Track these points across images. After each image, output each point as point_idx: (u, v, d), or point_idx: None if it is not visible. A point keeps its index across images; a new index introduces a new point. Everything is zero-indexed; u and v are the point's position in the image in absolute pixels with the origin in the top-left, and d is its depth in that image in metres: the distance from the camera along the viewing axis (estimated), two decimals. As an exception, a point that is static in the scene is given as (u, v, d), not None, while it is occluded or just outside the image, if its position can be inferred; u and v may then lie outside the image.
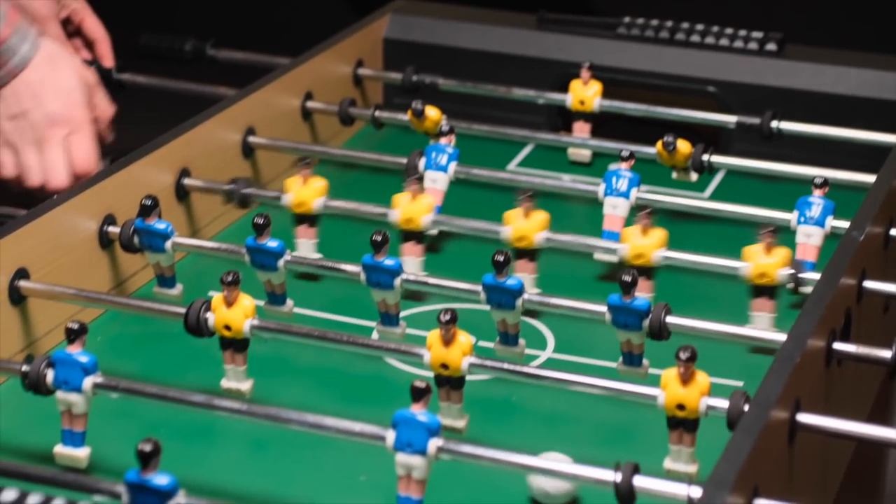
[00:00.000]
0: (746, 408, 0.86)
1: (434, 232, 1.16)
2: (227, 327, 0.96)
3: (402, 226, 1.12)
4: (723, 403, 0.87)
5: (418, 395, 0.83)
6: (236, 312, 0.96)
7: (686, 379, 0.88)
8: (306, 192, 1.14)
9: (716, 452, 0.78)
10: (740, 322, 1.02)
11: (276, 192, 1.15)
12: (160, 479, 0.75)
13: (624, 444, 0.97)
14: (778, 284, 1.04)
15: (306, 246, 1.14)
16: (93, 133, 1.19)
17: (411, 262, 1.12)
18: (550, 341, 1.08)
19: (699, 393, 0.88)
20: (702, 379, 0.88)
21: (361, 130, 1.38)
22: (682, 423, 0.89)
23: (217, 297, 0.96)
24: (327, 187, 1.14)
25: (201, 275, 1.12)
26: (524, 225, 1.09)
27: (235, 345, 0.97)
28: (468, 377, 0.94)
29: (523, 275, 1.08)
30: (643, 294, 1.03)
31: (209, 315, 0.96)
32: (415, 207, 1.11)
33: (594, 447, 0.96)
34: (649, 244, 1.07)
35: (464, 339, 0.92)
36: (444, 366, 0.93)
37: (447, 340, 0.92)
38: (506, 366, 0.94)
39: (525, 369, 0.94)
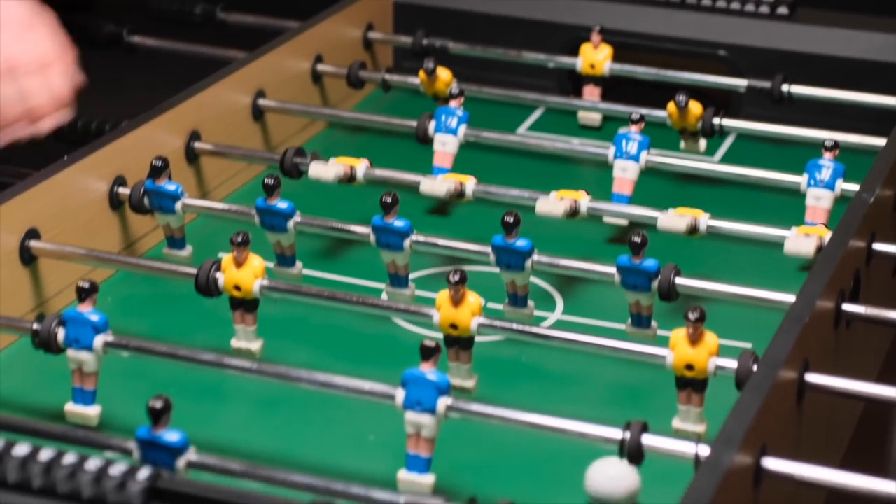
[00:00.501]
0: (755, 368, 0.86)
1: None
2: (237, 287, 0.96)
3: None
4: (731, 363, 0.88)
5: (428, 353, 0.83)
6: (246, 273, 0.96)
7: (695, 339, 0.88)
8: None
9: (724, 412, 0.78)
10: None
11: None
12: (171, 436, 0.75)
13: (633, 405, 0.97)
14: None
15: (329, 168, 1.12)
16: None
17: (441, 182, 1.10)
18: (559, 303, 1.08)
19: (708, 353, 0.88)
20: (710, 339, 0.88)
21: (371, 94, 1.38)
22: (691, 384, 0.89)
23: (227, 257, 0.96)
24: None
25: (211, 236, 1.12)
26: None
27: (245, 305, 0.97)
28: (477, 338, 0.94)
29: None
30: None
31: (219, 275, 0.96)
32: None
33: (603, 407, 0.96)
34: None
35: (473, 299, 0.93)
36: (454, 326, 0.93)
37: (456, 301, 0.93)
38: (514, 326, 0.94)
39: (534, 329, 0.95)
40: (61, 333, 0.89)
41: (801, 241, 1.01)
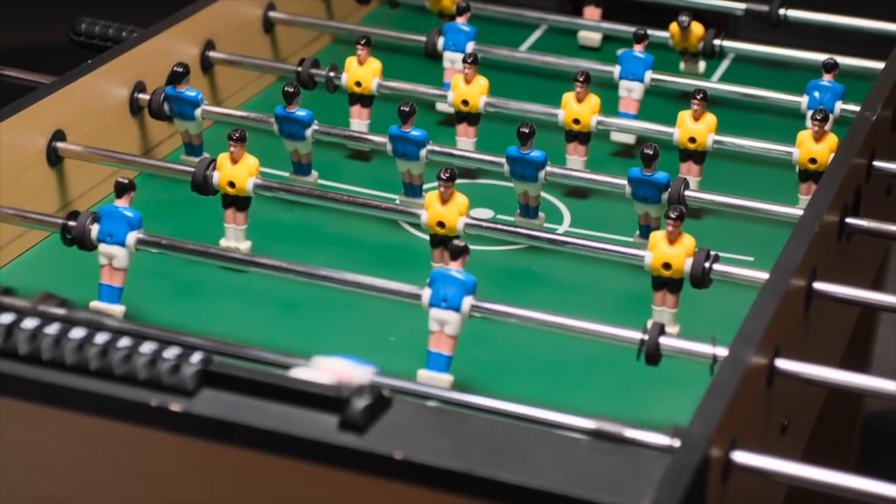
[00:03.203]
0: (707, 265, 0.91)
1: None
2: (231, 184, 0.98)
3: (457, 108, 1.12)
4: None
5: (457, 253, 0.86)
6: (240, 170, 0.98)
7: (673, 239, 0.91)
8: (364, 71, 1.15)
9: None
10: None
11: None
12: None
13: (640, 313, 1.00)
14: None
15: (361, 126, 1.15)
16: None
17: (465, 143, 1.13)
18: (566, 216, 1.11)
19: (685, 253, 0.91)
20: (688, 240, 0.91)
21: (375, 10, 1.39)
22: (667, 284, 0.92)
23: (222, 155, 0.98)
24: (382, 68, 1.15)
25: (227, 145, 1.14)
26: (578, 109, 1.11)
27: (237, 203, 0.99)
28: (489, 247, 0.97)
29: (575, 157, 1.11)
30: (692, 178, 1.06)
31: (215, 173, 0.98)
32: (471, 90, 1.12)
33: (614, 314, 0.99)
34: (702, 128, 1.08)
35: (461, 199, 0.95)
36: (441, 224, 0.96)
37: (445, 199, 0.95)
38: (503, 227, 0.98)
39: (520, 230, 0.98)
40: (95, 229, 0.91)
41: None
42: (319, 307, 0.97)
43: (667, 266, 0.92)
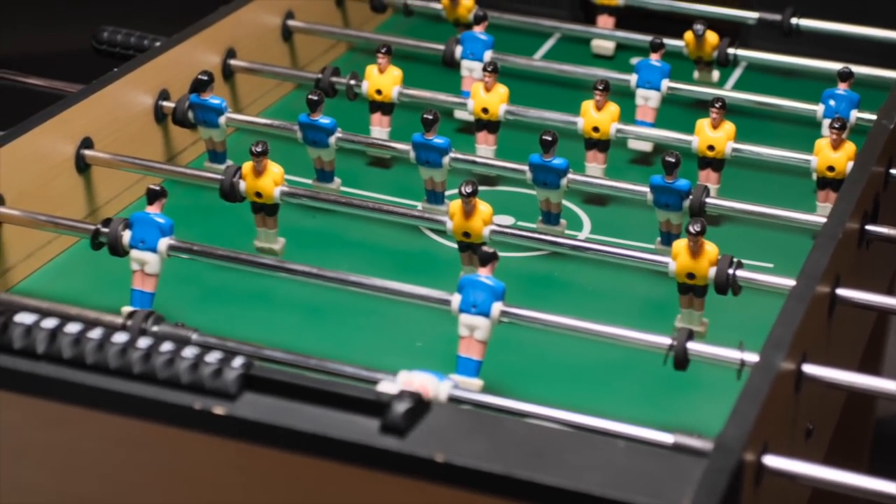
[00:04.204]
0: (731, 271, 0.92)
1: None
2: (258, 194, 0.99)
3: (477, 115, 1.13)
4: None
5: (486, 259, 0.87)
6: (266, 180, 0.99)
7: (696, 251, 0.93)
8: (384, 79, 1.16)
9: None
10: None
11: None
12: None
13: (663, 317, 1.01)
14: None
15: (381, 134, 1.16)
16: None
17: (485, 151, 1.14)
18: (586, 224, 1.12)
19: (708, 262, 0.93)
20: (710, 249, 0.93)
21: (391, 18, 1.40)
22: (692, 289, 0.94)
23: (247, 164, 0.99)
24: (403, 76, 1.16)
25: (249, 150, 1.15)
26: (597, 117, 1.12)
27: (266, 209, 1.01)
28: (511, 253, 0.98)
29: (594, 165, 1.12)
30: (711, 185, 1.07)
31: (241, 182, 1.00)
32: (491, 98, 1.13)
33: (636, 319, 0.99)
34: (720, 136, 1.09)
35: (484, 208, 0.97)
36: (466, 234, 0.97)
37: (468, 212, 0.96)
38: (524, 233, 0.98)
39: (544, 237, 0.99)
40: (127, 235, 0.92)
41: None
42: (346, 312, 0.97)
43: (690, 276, 0.93)
